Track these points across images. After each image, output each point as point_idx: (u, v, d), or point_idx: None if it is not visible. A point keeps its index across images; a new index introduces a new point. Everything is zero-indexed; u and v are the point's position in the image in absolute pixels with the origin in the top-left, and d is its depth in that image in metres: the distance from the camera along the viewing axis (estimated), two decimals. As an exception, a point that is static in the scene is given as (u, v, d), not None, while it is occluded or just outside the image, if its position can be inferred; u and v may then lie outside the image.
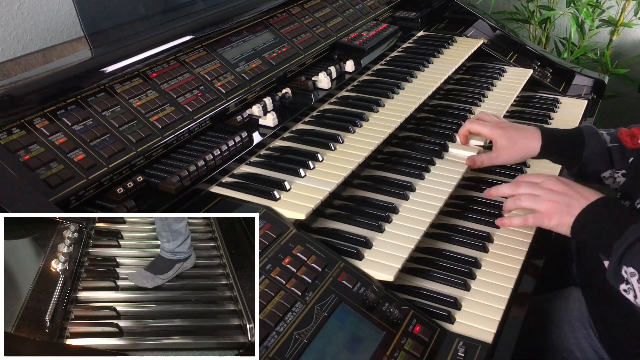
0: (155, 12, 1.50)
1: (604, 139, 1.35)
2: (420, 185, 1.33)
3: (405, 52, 1.91)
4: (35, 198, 0.97)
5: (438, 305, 1.10)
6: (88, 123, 1.15)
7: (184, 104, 1.29)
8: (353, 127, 1.42)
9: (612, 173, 1.36)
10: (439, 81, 1.70)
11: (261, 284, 0.98)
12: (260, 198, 1.17)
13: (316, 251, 1.08)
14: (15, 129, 1.06)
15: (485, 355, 1.01)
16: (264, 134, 1.36)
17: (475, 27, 2.11)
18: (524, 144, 1.37)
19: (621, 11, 2.67)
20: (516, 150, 1.38)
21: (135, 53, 1.27)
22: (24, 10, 1.75)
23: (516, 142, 1.37)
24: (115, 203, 1.08)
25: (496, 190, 1.30)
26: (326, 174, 1.25)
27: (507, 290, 1.15)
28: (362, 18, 1.91)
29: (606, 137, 1.36)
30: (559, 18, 2.91)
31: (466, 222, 1.35)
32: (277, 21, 1.66)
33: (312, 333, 0.94)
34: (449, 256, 1.24)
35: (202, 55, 1.42)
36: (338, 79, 1.63)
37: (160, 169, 1.18)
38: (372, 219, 1.21)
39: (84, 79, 1.19)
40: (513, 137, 1.38)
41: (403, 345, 0.99)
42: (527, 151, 1.38)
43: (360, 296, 1.03)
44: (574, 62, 2.70)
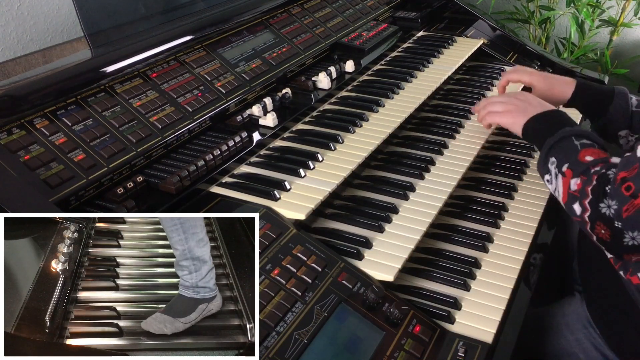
0: (155, 12, 1.50)
1: (632, 102, 1.43)
2: (420, 185, 1.33)
3: (405, 52, 1.91)
4: (35, 198, 0.97)
5: (438, 305, 1.10)
6: (88, 123, 1.15)
7: (184, 104, 1.29)
8: (353, 127, 1.42)
9: (627, 133, 1.42)
10: (439, 81, 1.70)
11: (261, 284, 0.98)
12: (260, 198, 1.17)
13: (316, 251, 1.08)
14: (15, 129, 1.06)
15: (485, 355, 1.01)
16: (264, 134, 1.36)
17: (475, 27, 2.11)
18: (560, 89, 1.50)
19: (621, 11, 2.67)
20: (553, 94, 1.50)
21: (135, 53, 1.27)
22: (24, 10, 1.75)
23: (553, 87, 1.51)
24: (115, 203, 1.08)
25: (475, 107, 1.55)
26: (326, 174, 1.25)
27: (507, 290, 1.15)
28: (362, 18, 1.91)
29: (634, 101, 1.44)
30: (559, 18, 2.90)
31: (466, 222, 1.35)
32: (277, 21, 1.66)
33: (312, 333, 0.94)
34: (449, 256, 1.24)
35: (202, 55, 1.42)
36: (338, 79, 1.63)
37: (160, 169, 1.19)
38: (372, 219, 1.21)
39: (84, 79, 1.19)
40: (551, 83, 1.52)
41: (403, 346, 0.99)
42: (562, 96, 1.50)
43: (360, 296, 1.03)
44: (574, 62, 2.70)
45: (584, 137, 1.20)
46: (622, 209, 1.02)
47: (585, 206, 1.09)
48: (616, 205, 1.03)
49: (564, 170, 1.16)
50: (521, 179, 1.51)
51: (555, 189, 1.19)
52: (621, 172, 1.03)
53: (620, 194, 1.02)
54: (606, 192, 1.05)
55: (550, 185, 1.22)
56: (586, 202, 1.09)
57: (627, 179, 1.01)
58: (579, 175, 1.12)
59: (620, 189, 1.02)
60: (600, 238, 1.08)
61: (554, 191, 1.20)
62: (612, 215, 1.03)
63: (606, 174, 1.08)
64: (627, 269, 1.15)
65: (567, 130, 1.21)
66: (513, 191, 1.46)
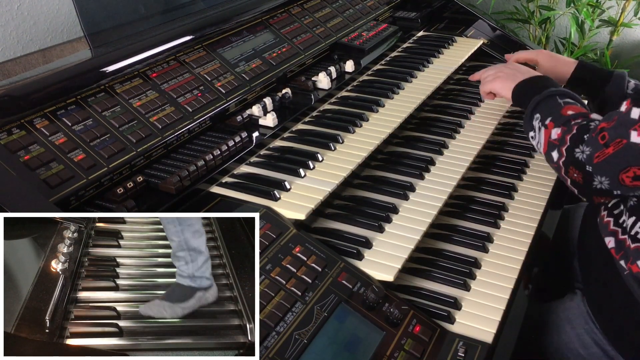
0: (155, 12, 1.50)
1: (629, 85, 1.49)
2: (420, 185, 1.33)
3: (405, 52, 1.91)
4: (35, 198, 0.97)
5: (438, 305, 1.10)
6: (88, 123, 1.15)
7: (184, 104, 1.29)
8: (353, 127, 1.42)
9: None
10: (439, 81, 1.70)
11: (261, 284, 0.98)
12: (260, 198, 1.17)
13: (316, 251, 1.08)
14: (15, 129, 1.06)
15: (485, 355, 1.01)
16: (264, 134, 1.36)
17: (475, 27, 2.11)
18: (563, 68, 1.60)
19: (621, 11, 2.67)
20: (555, 72, 1.60)
21: (135, 53, 1.27)
22: (24, 10, 1.75)
23: (557, 65, 1.62)
24: (115, 203, 1.08)
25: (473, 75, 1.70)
26: (326, 174, 1.25)
27: (507, 290, 1.15)
28: (362, 18, 1.91)
29: (631, 84, 1.49)
30: (559, 18, 2.91)
31: (466, 222, 1.35)
32: (277, 21, 1.66)
33: (312, 333, 0.94)
34: (449, 256, 1.24)
35: (202, 55, 1.42)
36: (338, 79, 1.63)
37: (160, 169, 1.18)
38: (372, 219, 1.21)
39: (84, 79, 1.19)
40: (556, 61, 1.63)
41: (403, 346, 0.99)
42: (564, 75, 1.60)
43: (360, 296, 1.03)
44: (574, 62, 2.69)
45: (567, 96, 1.30)
46: (594, 155, 1.11)
47: (562, 152, 1.18)
48: (589, 151, 1.12)
49: (546, 123, 1.25)
50: (521, 179, 1.52)
51: (538, 142, 1.28)
52: (602, 123, 1.12)
53: (595, 141, 1.11)
54: (583, 139, 1.14)
55: (533, 141, 1.31)
56: (563, 149, 1.18)
57: (605, 129, 1.10)
58: (560, 125, 1.21)
59: (597, 137, 1.10)
60: (574, 180, 1.17)
61: (537, 144, 1.29)
62: (584, 160, 1.13)
63: (587, 124, 1.16)
64: (628, 257, 1.15)
65: (552, 90, 1.31)
66: (513, 191, 1.46)
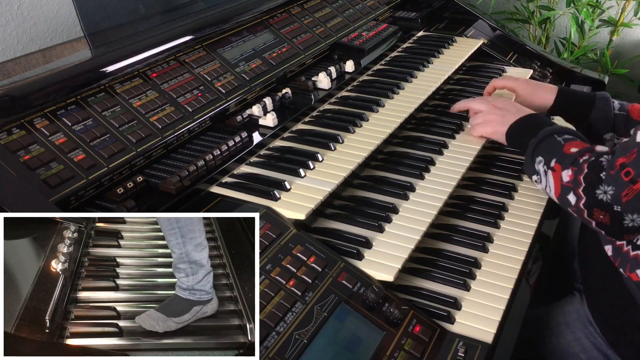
0: (155, 12, 1.50)
1: (614, 105, 1.45)
2: (420, 185, 1.33)
3: (405, 52, 1.91)
4: (35, 198, 0.97)
5: (438, 305, 1.10)
6: (88, 123, 1.15)
7: (184, 104, 1.29)
8: (353, 127, 1.42)
9: (613, 136, 1.44)
10: (439, 81, 1.70)
11: (261, 284, 0.98)
12: (260, 198, 1.17)
13: (316, 251, 1.08)
14: (15, 129, 1.06)
15: (485, 355, 1.01)
16: (264, 134, 1.36)
17: (475, 27, 2.11)
18: (542, 95, 1.54)
19: (621, 11, 2.67)
20: (534, 100, 1.55)
21: (135, 53, 1.27)
22: (24, 10, 1.75)
23: (535, 93, 1.55)
24: (115, 203, 1.08)
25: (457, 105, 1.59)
26: (326, 174, 1.25)
27: (507, 290, 1.15)
28: (362, 18, 1.91)
29: (616, 105, 1.46)
30: (559, 18, 2.91)
31: (466, 222, 1.35)
32: (277, 21, 1.66)
33: (312, 333, 0.94)
34: (449, 256, 1.24)
35: (202, 55, 1.42)
36: (338, 79, 1.63)
37: (160, 169, 1.18)
38: (372, 219, 1.21)
39: (84, 79, 1.19)
40: (533, 89, 1.56)
41: (403, 346, 0.99)
42: (544, 102, 1.54)
43: (360, 296, 1.03)
44: (574, 62, 2.70)
45: (565, 133, 1.25)
46: (621, 193, 1.05)
47: (579, 194, 1.12)
48: (613, 190, 1.06)
49: (552, 166, 1.19)
50: (521, 178, 1.51)
51: (546, 186, 1.22)
52: (620, 158, 1.07)
53: (618, 179, 1.05)
54: (601, 179, 1.08)
55: (539, 185, 1.25)
56: (580, 191, 1.12)
57: (626, 165, 1.05)
58: (568, 166, 1.16)
59: (620, 174, 1.05)
60: (600, 222, 1.11)
61: (545, 188, 1.23)
62: (610, 200, 1.07)
63: (597, 161, 1.11)
64: (626, 265, 1.15)
65: (549, 129, 1.26)
66: (513, 191, 1.46)
